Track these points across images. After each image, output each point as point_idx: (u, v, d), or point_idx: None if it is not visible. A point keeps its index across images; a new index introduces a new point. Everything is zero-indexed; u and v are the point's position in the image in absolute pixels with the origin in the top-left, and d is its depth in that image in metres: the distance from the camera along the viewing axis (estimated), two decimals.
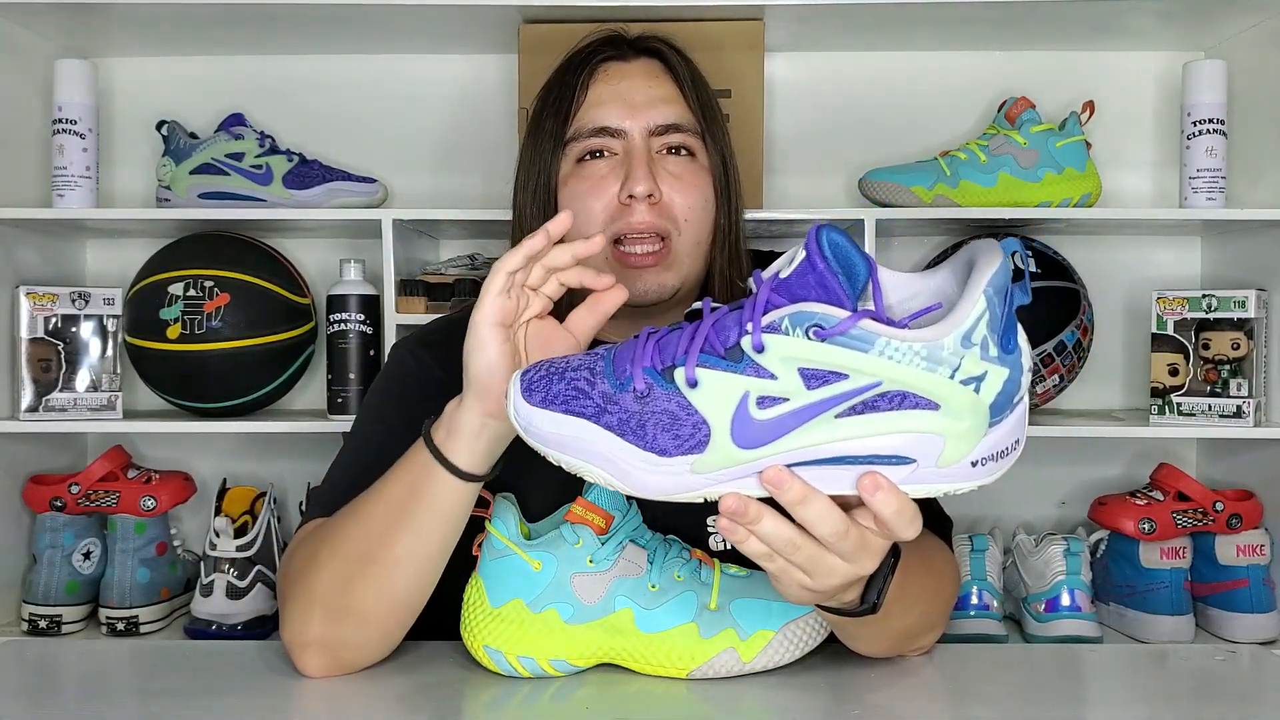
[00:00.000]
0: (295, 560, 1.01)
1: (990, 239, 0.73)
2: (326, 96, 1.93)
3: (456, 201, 1.89)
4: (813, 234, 0.71)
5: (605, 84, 1.13)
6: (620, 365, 0.76)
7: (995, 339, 0.69)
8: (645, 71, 1.14)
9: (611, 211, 1.09)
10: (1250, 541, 1.68)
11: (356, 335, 1.71)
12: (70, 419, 1.72)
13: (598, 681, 0.94)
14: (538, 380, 0.78)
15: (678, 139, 1.12)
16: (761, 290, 0.72)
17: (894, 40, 1.87)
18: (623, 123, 1.11)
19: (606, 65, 1.14)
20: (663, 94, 1.13)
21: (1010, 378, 0.71)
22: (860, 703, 0.92)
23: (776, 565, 0.78)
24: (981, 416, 0.71)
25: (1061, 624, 1.64)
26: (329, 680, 0.95)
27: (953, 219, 1.73)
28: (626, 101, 1.11)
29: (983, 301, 0.68)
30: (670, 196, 1.10)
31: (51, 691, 1.01)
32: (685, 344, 0.74)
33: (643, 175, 1.08)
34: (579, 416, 0.75)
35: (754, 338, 0.71)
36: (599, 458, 0.75)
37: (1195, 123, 1.70)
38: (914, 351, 0.69)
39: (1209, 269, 1.93)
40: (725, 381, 0.72)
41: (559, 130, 1.12)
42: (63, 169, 1.70)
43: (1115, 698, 0.99)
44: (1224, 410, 1.67)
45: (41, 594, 1.70)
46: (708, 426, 0.72)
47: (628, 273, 1.09)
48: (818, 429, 0.71)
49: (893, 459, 0.72)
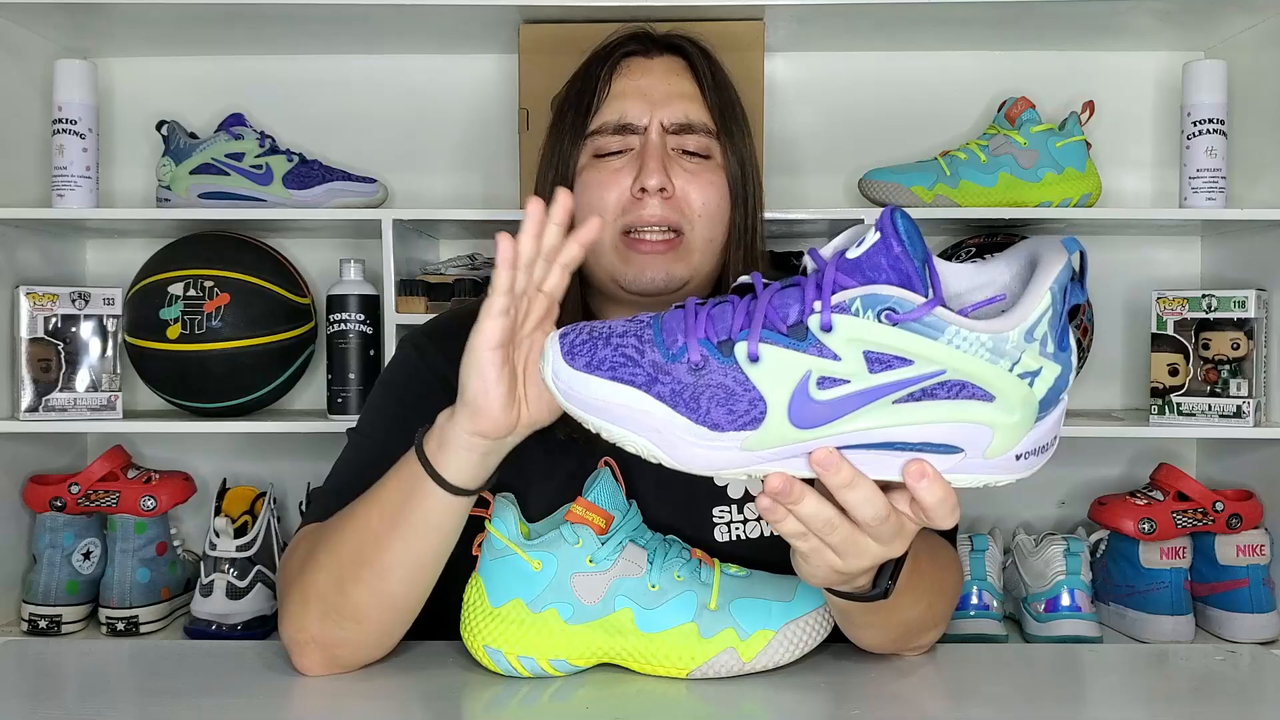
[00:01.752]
0: (294, 558, 1.01)
1: (1053, 237, 0.73)
2: (326, 96, 1.93)
3: (456, 201, 1.89)
4: (888, 215, 0.69)
5: (627, 78, 1.14)
6: (670, 334, 0.74)
7: (1054, 336, 0.70)
8: (667, 69, 1.15)
9: (624, 203, 1.10)
10: (1250, 541, 1.68)
11: (356, 335, 1.71)
12: (70, 419, 1.72)
13: (598, 681, 0.94)
14: (581, 344, 0.75)
15: (692, 141, 1.12)
16: (828, 269, 0.70)
17: (894, 40, 1.87)
18: (640, 118, 1.12)
19: (629, 60, 1.15)
20: (682, 90, 1.14)
21: (1061, 374, 0.71)
22: (860, 703, 0.92)
23: (810, 545, 0.77)
24: (1031, 410, 0.71)
25: (1061, 624, 1.64)
26: (329, 680, 0.95)
27: (953, 219, 1.73)
28: (646, 96, 1.12)
29: (1048, 298, 0.69)
30: (684, 191, 1.10)
31: (51, 691, 1.01)
32: (742, 318, 0.72)
33: (655, 169, 1.09)
34: (628, 384, 0.73)
35: (823, 316, 0.69)
36: (646, 428, 0.73)
37: (1195, 123, 1.70)
38: (980, 343, 0.69)
39: (1209, 269, 1.93)
40: (787, 359, 0.70)
41: (580, 123, 1.13)
42: (63, 169, 1.69)
43: (1115, 698, 0.99)
44: (1224, 410, 1.67)
45: (41, 594, 1.70)
46: (764, 403, 0.71)
47: (637, 259, 1.09)
48: (875, 413, 0.70)
49: (942, 448, 0.71)
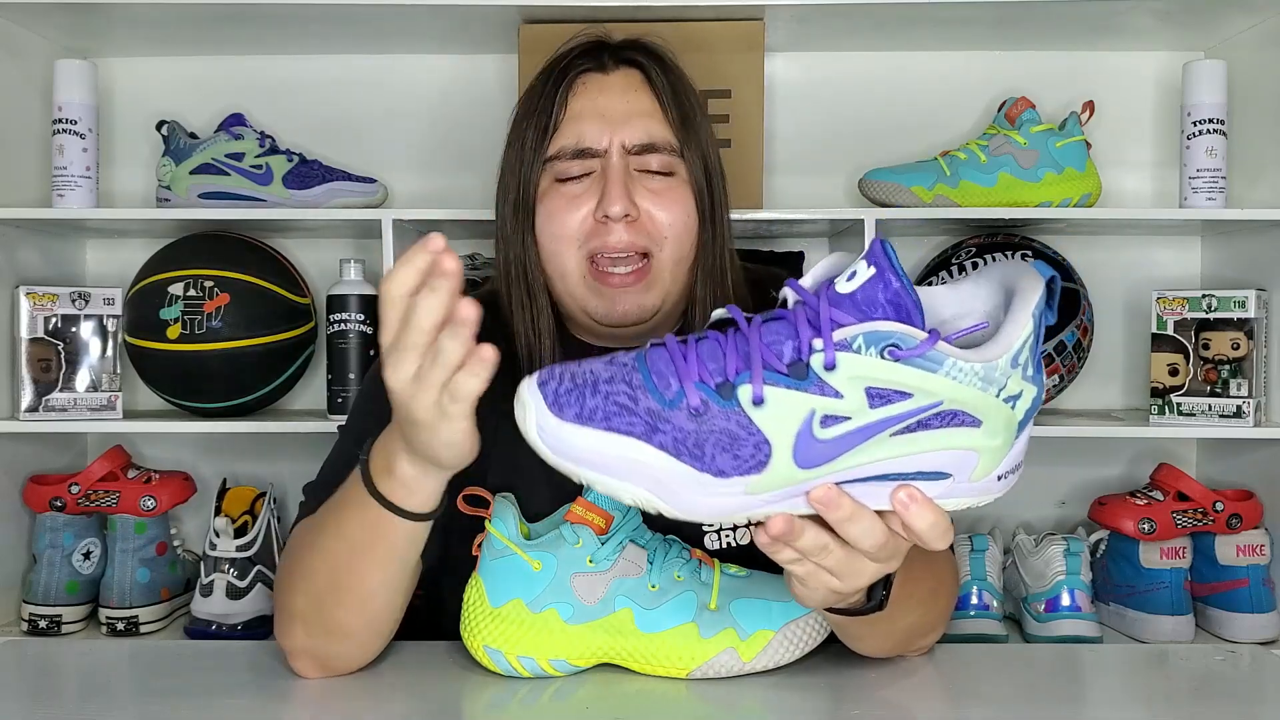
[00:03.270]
0: (282, 576, 1.00)
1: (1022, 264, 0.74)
2: (326, 96, 1.93)
3: (456, 201, 1.89)
4: (879, 248, 0.69)
5: (583, 98, 1.11)
6: (661, 378, 0.72)
7: (1033, 360, 0.71)
8: (624, 85, 1.12)
9: (587, 230, 1.08)
10: (1250, 541, 1.68)
11: (356, 335, 1.71)
12: (70, 419, 1.72)
13: (598, 681, 0.94)
14: (566, 394, 0.72)
15: (655, 160, 1.09)
16: (822, 303, 0.70)
17: (894, 40, 1.87)
18: (600, 141, 1.08)
19: (585, 78, 1.12)
20: (641, 108, 1.10)
21: (1037, 395, 0.72)
22: (860, 703, 0.92)
23: (806, 569, 0.77)
24: (1012, 432, 0.72)
25: (1061, 624, 1.64)
26: (328, 680, 0.95)
27: (953, 219, 1.73)
28: (604, 117, 1.09)
29: (1030, 325, 0.70)
30: (649, 212, 1.08)
31: (51, 691, 1.01)
32: (736, 358, 0.71)
33: (618, 195, 1.06)
34: (626, 435, 0.70)
35: (827, 355, 0.69)
36: (645, 479, 0.71)
37: (1195, 123, 1.70)
38: (974, 372, 0.69)
39: (1209, 269, 1.93)
40: (791, 400, 0.69)
41: (538, 144, 1.10)
42: (63, 169, 1.69)
43: (1115, 698, 0.99)
44: (1224, 410, 1.67)
45: (41, 594, 1.70)
46: (769, 446, 0.70)
47: (608, 292, 1.08)
48: (874, 448, 0.71)
49: (933, 475, 0.72)
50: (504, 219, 1.13)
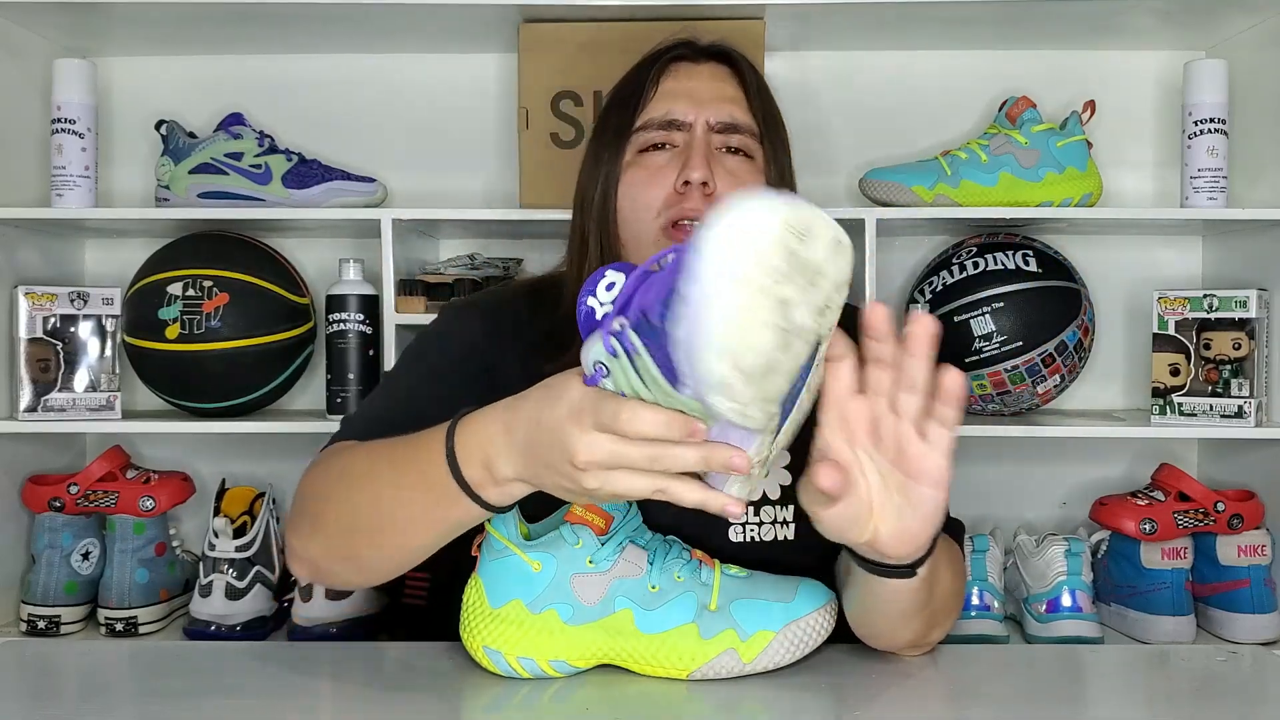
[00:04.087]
0: (316, 484, 1.00)
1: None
2: (326, 96, 1.93)
3: (456, 201, 1.89)
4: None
5: (674, 80, 1.17)
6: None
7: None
8: (714, 74, 1.19)
9: (668, 198, 1.13)
10: (1251, 542, 1.68)
11: (356, 335, 1.71)
12: (69, 419, 1.72)
13: (598, 682, 0.94)
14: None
15: (737, 139, 1.15)
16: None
17: (894, 40, 1.87)
18: (686, 115, 1.15)
19: (677, 65, 1.19)
20: (728, 94, 1.17)
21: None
22: (860, 704, 0.92)
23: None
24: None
25: (1062, 624, 1.64)
26: (328, 680, 0.96)
27: (954, 219, 1.72)
28: (692, 97, 1.15)
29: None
30: (726, 189, 1.12)
31: (51, 692, 1.01)
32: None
33: (699, 163, 1.11)
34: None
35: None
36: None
37: (1196, 122, 1.70)
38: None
39: (1210, 269, 1.93)
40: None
41: (626, 121, 1.16)
42: (62, 169, 1.69)
43: (1116, 698, 0.99)
44: (1225, 410, 1.66)
45: (40, 594, 1.70)
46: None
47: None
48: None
49: None
50: (586, 195, 1.18)
